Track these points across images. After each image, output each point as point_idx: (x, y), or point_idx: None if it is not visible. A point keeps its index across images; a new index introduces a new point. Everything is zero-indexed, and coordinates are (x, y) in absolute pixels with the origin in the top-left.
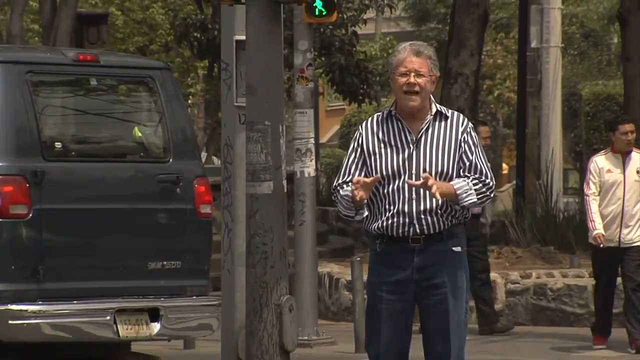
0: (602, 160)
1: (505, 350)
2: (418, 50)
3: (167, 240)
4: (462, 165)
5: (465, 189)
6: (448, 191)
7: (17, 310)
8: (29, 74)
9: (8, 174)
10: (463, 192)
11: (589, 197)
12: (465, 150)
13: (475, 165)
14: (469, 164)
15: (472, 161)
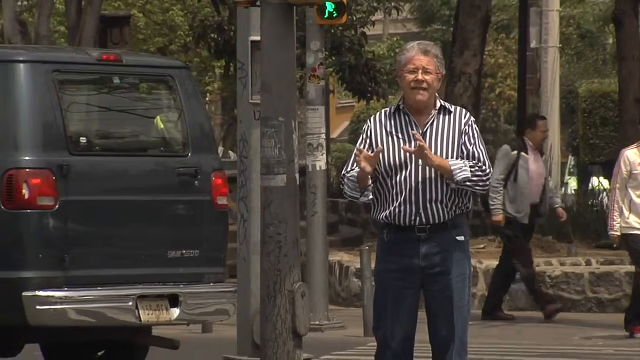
0: (633, 154)
1: (506, 335)
2: (425, 49)
3: (186, 230)
4: (462, 154)
5: (459, 165)
6: (441, 163)
7: (44, 296)
8: (55, 72)
9: (36, 167)
10: (457, 167)
11: (616, 191)
12: (465, 141)
13: (473, 153)
14: (467, 152)
15: (470, 150)
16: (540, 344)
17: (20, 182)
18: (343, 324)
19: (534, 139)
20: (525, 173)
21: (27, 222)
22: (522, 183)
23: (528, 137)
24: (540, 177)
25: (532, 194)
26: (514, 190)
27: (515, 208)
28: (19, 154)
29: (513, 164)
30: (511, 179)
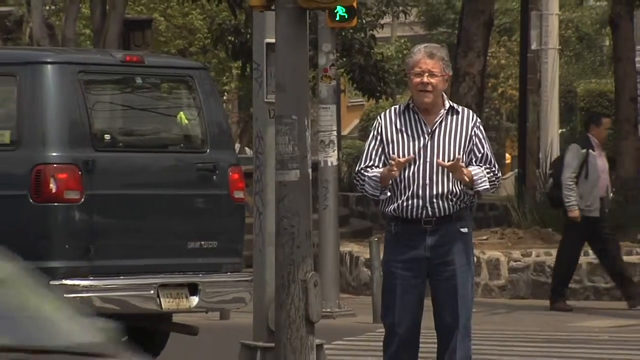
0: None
1: (507, 321)
2: (431, 52)
3: (204, 223)
4: (475, 156)
5: (480, 176)
6: (469, 175)
7: (71, 284)
8: (81, 73)
9: (63, 163)
10: (478, 178)
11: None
12: (477, 143)
13: (486, 157)
14: (481, 156)
15: (483, 153)
16: (540, 330)
17: (48, 176)
18: (353, 311)
19: (599, 136)
20: (594, 169)
21: (55, 215)
22: (592, 179)
23: (593, 134)
24: (605, 172)
25: (601, 188)
26: (585, 186)
27: (584, 203)
28: (47, 150)
29: (583, 162)
30: (582, 176)
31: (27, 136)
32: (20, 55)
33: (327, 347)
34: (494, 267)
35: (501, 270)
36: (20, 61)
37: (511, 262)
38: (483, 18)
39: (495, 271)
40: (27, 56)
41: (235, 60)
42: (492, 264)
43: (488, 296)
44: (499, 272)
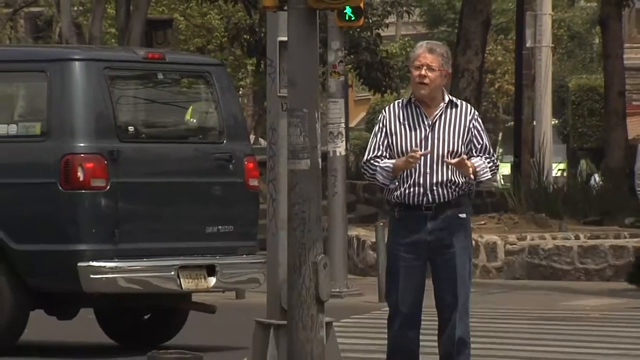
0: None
1: (503, 301)
2: (432, 48)
3: (221, 209)
4: (474, 147)
5: (482, 167)
6: (472, 167)
7: (97, 266)
8: (106, 69)
9: (90, 152)
10: (481, 170)
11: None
12: (476, 135)
13: (485, 147)
14: (480, 147)
15: (482, 144)
16: (534, 309)
17: (75, 165)
18: (360, 291)
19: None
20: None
21: (82, 201)
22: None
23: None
24: None
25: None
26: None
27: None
28: (75, 141)
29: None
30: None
31: (56, 128)
32: (50, 52)
33: (336, 325)
34: (491, 250)
35: (498, 252)
36: (50, 58)
37: (507, 245)
38: (481, 18)
39: (492, 254)
40: (56, 53)
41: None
42: (490, 247)
43: (486, 277)
44: (496, 255)
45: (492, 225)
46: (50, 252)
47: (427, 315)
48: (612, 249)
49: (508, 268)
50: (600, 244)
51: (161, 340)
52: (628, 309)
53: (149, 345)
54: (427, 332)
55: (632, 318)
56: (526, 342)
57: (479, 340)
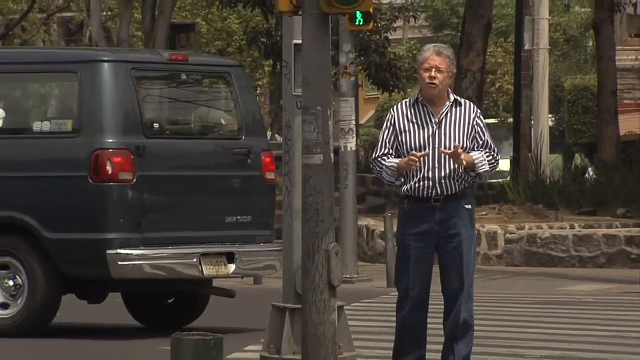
0: None
1: (503, 286)
2: (439, 51)
3: (240, 200)
4: (477, 143)
5: (480, 160)
6: (470, 160)
7: (125, 253)
8: (133, 70)
9: (118, 148)
10: (479, 162)
11: None
12: (478, 131)
13: (487, 143)
14: (482, 142)
15: (484, 140)
16: (532, 294)
17: (104, 160)
18: (370, 277)
19: None
20: None
21: (111, 193)
22: None
23: None
24: None
25: None
26: None
27: None
28: (104, 137)
29: None
30: None
31: (86, 125)
32: (80, 54)
33: (347, 308)
34: (492, 238)
35: (498, 241)
36: (80, 60)
37: (507, 234)
38: (482, 22)
39: (493, 242)
40: (86, 55)
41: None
42: (491, 235)
43: (487, 264)
44: (496, 243)
45: (493, 216)
46: (80, 241)
47: (434, 299)
48: (605, 238)
49: (508, 255)
50: (593, 233)
51: (184, 322)
52: (619, 293)
53: (172, 327)
54: (433, 315)
55: (623, 302)
56: (525, 324)
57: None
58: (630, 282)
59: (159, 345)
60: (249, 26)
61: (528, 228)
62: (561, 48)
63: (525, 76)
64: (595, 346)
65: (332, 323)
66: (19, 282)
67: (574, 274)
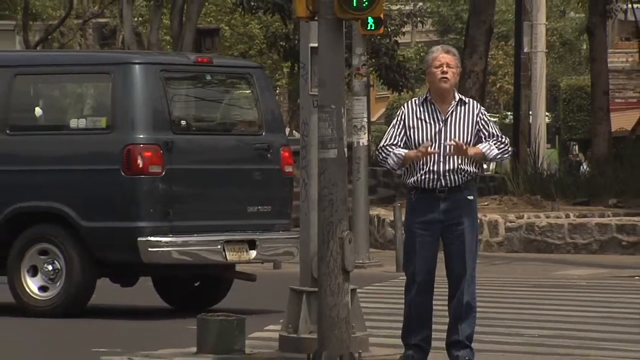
0: None
1: (504, 271)
2: (447, 50)
3: (260, 191)
4: (483, 135)
5: (487, 147)
6: (476, 151)
7: (154, 240)
8: (162, 71)
9: (148, 143)
10: (487, 149)
11: None
12: (483, 125)
13: (492, 133)
14: (488, 134)
15: (489, 131)
16: (530, 278)
17: (136, 154)
18: (380, 262)
19: None
20: None
21: (141, 185)
22: None
23: None
24: None
25: None
26: None
27: None
28: (135, 133)
29: None
30: None
31: (119, 122)
32: (114, 57)
33: (359, 291)
34: (493, 227)
35: (499, 229)
36: (114, 62)
37: (507, 223)
38: (485, 27)
39: (494, 230)
40: (119, 58)
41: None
42: (492, 224)
43: (488, 250)
44: (497, 231)
45: (494, 206)
46: (114, 229)
47: (439, 283)
48: (597, 226)
49: (508, 242)
50: (587, 222)
51: (209, 304)
52: (611, 277)
53: (198, 308)
54: (438, 298)
55: (614, 285)
56: (523, 305)
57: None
58: (621, 267)
59: (187, 325)
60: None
61: (527, 217)
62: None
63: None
64: (588, 326)
65: (346, 305)
66: (57, 267)
67: (569, 259)
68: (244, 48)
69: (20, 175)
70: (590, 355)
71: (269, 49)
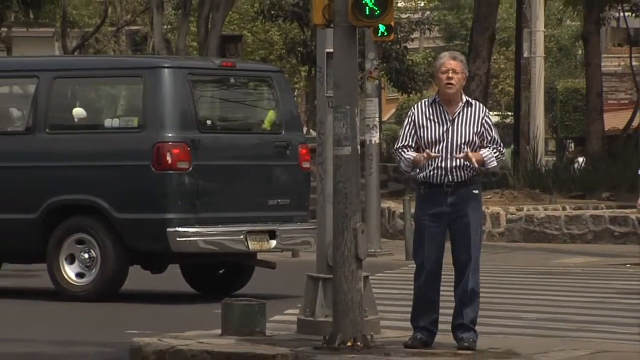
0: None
1: (505, 259)
2: (454, 56)
3: (280, 186)
4: (486, 139)
5: (489, 157)
6: (479, 158)
7: (182, 231)
8: (189, 75)
9: (176, 141)
10: (488, 159)
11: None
12: (487, 129)
13: (494, 139)
14: (490, 139)
15: (492, 136)
16: (529, 265)
17: (165, 151)
18: (391, 251)
19: None
20: None
21: (170, 180)
22: None
23: None
24: None
25: None
26: None
27: None
28: (165, 132)
29: None
30: None
31: (150, 121)
32: (145, 61)
33: (372, 278)
34: (495, 218)
35: (501, 221)
36: (145, 66)
37: (508, 214)
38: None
39: (496, 221)
40: (150, 62)
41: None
42: (494, 216)
43: (491, 240)
44: (499, 222)
45: (496, 199)
46: (145, 220)
47: (446, 271)
48: (592, 218)
49: (509, 233)
50: (582, 213)
51: (232, 290)
52: (604, 265)
53: (223, 293)
54: (445, 284)
55: (607, 272)
56: (523, 291)
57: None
58: (613, 255)
59: (212, 309)
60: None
61: (526, 210)
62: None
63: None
64: (583, 310)
65: (359, 290)
66: (93, 255)
67: (565, 249)
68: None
69: (58, 171)
70: (584, 337)
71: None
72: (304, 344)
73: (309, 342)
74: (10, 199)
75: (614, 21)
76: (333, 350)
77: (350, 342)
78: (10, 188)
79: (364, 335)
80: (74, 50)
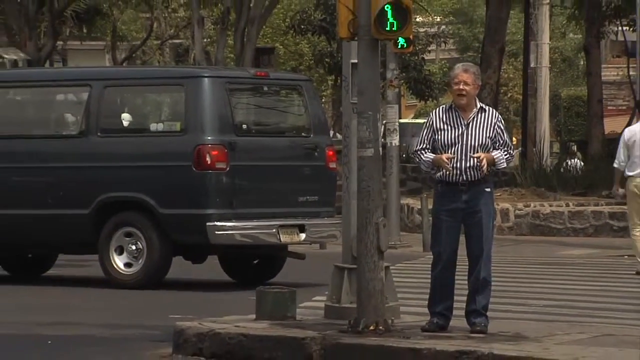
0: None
1: (514, 251)
2: (466, 68)
3: (309, 184)
4: (498, 142)
5: (500, 158)
6: (490, 158)
7: (220, 225)
8: (227, 83)
9: (215, 144)
10: (498, 160)
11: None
12: (499, 132)
13: (505, 143)
14: (502, 142)
15: (504, 140)
16: (535, 257)
17: (205, 153)
18: (409, 244)
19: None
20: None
21: (209, 179)
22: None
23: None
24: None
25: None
26: None
27: None
28: (205, 135)
29: None
30: None
31: (191, 126)
32: (187, 71)
33: (392, 268)
34: (504, 214)
35: (509, 216)
36: (187, 75)
37: (516, 210)
38: (498, 46)
39: (505, 217)
40: (191, 72)
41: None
42: (504, 212)
43: (501, 234)
44: (508, 217)
45: (505, 196)
46: (186, 215)
47: (460, 261)
48: (593, 213)
49: (517, 227)
50: (584, 209)
51: (266, 278)
52: (604, 256)
53: (257, 282)
54: (460, 273)
55: (607, 263)
56: (530, 280)
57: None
58: (612, 247)
59: (247, 296)
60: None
61: (533, 206)
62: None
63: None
64: (585, 297)
65: (381, 279)
66: (139, 247)
67: (568, 241)
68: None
69: (108, 171)
70: (588, 322)
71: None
72: (331, 328)
73: (336, 326)
74: (65, 196)
75: (612, 35)
76: (357, 333)
77: (373, 326)
78: (65, 186)
79: (385, 320)
80: (123, 62)
